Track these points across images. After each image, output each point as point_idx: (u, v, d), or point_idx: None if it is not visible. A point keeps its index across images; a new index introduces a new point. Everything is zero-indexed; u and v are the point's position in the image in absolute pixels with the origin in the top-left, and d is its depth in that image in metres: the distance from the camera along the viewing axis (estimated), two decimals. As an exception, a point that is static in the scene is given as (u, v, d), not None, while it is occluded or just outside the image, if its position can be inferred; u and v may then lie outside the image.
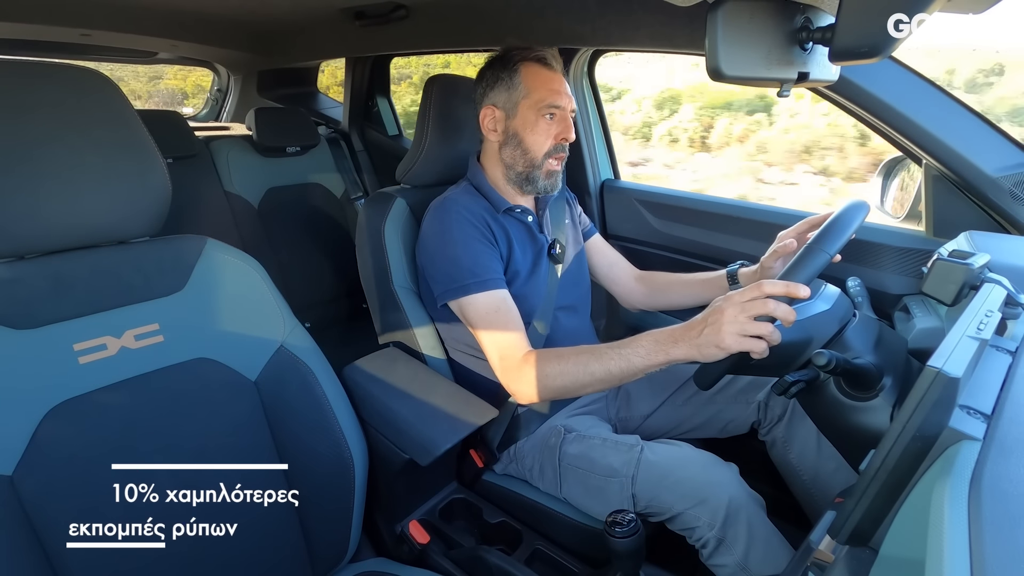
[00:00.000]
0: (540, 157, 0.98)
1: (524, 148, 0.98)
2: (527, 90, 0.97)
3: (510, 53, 0.99)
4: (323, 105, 2.48)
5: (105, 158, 0.64)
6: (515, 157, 0.99)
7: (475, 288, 0.92)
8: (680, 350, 0.74)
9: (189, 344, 0.72)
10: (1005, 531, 0.31)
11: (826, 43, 0.60)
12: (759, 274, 1.01)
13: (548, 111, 0.97)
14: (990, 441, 0.39)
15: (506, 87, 0.98)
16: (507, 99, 0.98)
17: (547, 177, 1.00)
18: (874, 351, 0.73)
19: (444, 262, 0.95)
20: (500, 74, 0.99)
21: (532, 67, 0.98)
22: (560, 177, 1.02)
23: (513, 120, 0.98)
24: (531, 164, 0.99)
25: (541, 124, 0.97)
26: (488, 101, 1.00)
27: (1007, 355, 0.53)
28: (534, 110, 0.97)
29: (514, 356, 0.89)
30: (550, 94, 0.96)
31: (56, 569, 0.61)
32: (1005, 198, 0.91)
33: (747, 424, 1.05)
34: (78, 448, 0.63)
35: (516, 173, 1.00)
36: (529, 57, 0.98)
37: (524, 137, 0.98)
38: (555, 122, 0.98)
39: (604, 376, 0.81)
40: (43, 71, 0.62)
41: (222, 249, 0.76)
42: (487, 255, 0.95)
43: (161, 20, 1.66)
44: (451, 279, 0.94)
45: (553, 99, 0.96)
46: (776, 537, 0.82)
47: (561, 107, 0.97)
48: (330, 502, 0.81)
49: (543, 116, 0.97)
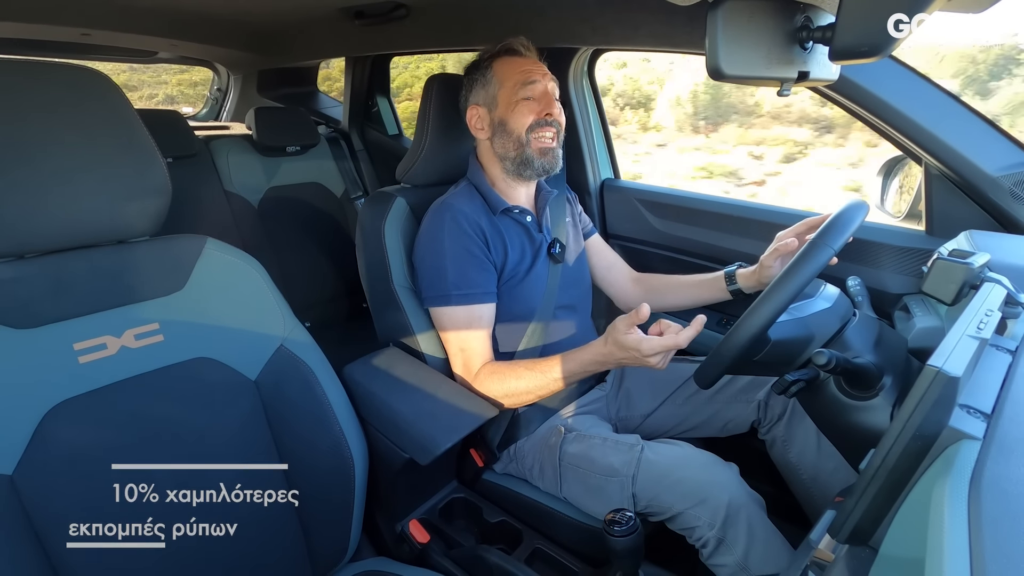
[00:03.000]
0: (524, 133, 0.99)
1: (508, 130, 1.00)
2: (500, 81, 1.00)
3: (481, 56, 1.04)
4: (323, 105, 2.48)
5: (105, 157, 0.64)
6: (505, 145, 1.00)
7: (456, 301, 0.96)
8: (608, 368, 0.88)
9: (189, 343, 0.72)
10: (1005, 530, 0.31)
11: (826, 42, 0.60)
12: (758, 274, 1.01)
13: (525, 92, 0.98)
14: (990, 440, 0.39)
15: (482, 85, 1.02)
16: (486, 95, 1.01)
17: (541, 155, 1.00)
18: (874, 350, 0.73)
19: (431, 270, 0.98)
20: (475, 76, 1.03)
21: (502, 59, 1.01)
22: (557, 156, 1.02)
23: (495, 112, 1.01)
24: (520, 144, 0.99)
25: (521, 106, 0.99)
26: (470, 103, 1.03)
27: (1007, 354, 0.53)
28: (510, 95, 0.99)
29: (473, 367, 0.97)
30: (521, 75, 0.99)
31: (56, 569, 0.61)
32: (1005, 197, 0.91)
33: (747, 423, 1.05)
34: (78, 448, 0.63)
35: (511, 161, 1.01)
36: (498, 52, 1.02)
37: (507, 121, 0.99)
38: (534, 100, 0.99)
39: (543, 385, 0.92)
40: (43, 71, 0.62)
41: (222, 249, 0.76)
42: (474, 268, 0.96)
43: (161, 20, 1.66)
44: (435, 287, 0.97)
45: (524, 78, 0.98)
46: (776, 537, 0.82)
47: (536, 81, 0.99)
48: (330, 501, 0.81)
49: (521, 99, 0.99)
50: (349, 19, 1.52)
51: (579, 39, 1.25)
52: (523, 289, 1.02)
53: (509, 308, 1.01)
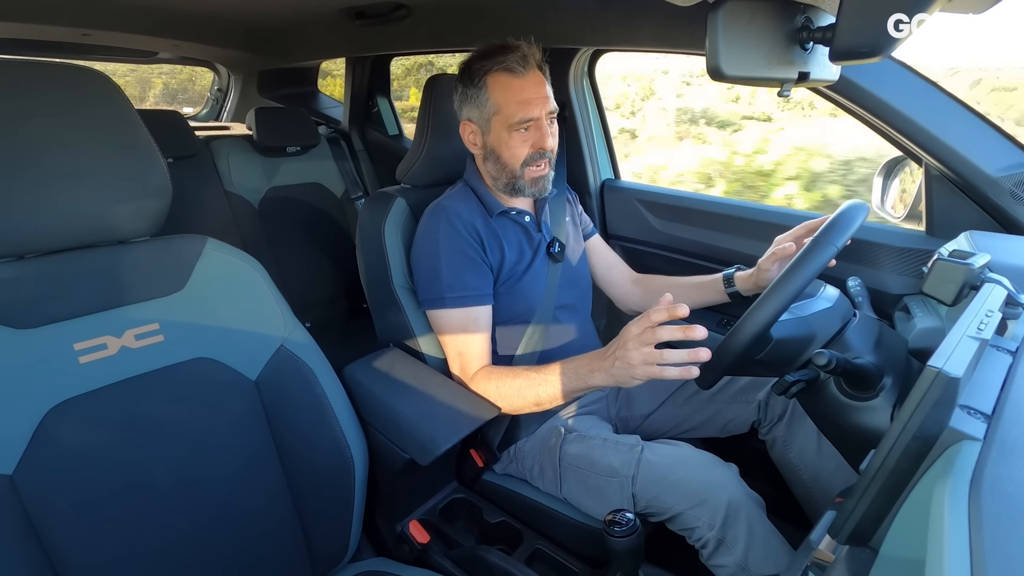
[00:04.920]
0: (518, 168, 0.96)
1: (502, 163, 0.97)
2: (496, 106, 0.93)
3: (474, 66, 0.94)
4: (323, 105, 2.48)
5: (105, 158, 0.64)
6: (497, 170, 0.98)
7: (451, 303, 0.95)
8: (597, 378, 0.81)
9: (189, 344, 0.72)
10: (1005, 531, 0.31)
11: (826, 43, 0.60)
12: (755, 277, 1.01)
13: (521, 124, 0.93)
14: (990, 441, 0.39)
15: (476, 104, 0.95)
16: (479, 115, 0.96)
17: (532, 184, 0.98)
18: (874, 351, 0.73)
19: (426, 272, 0.97)
20: (468, 90, 0.95)
21: (499, 78, 0.92)
22: (548, 180, 0.99)
23: (488, 136, 0.96)
24: (512, 176, 0.97)
25: (515, 138, 0.94)
26: (464, 116, 0.99)
27: (1007, 355, 0.53)
28: (506, 126, 0.93)
29: (469, 370, 0.96)
30: (520, 108, 0.91)
31: (56, 569, 0.61)
32: (1005, 198, 0.91)
33: (747, 423, 1.05)
34: (79, 447, 0.63)
35: (502, 183, 1.00)
36: (494, 68, 0.92)
37: (500, 153, 0.96)
38: (530, 133, 0.94)
39: (535, 402, 0.89)
40: (44, 71, 0.62)
41: (222, 249, 0.76)
42: (470, 271, 0.96)
43: (162, 20, 1.65)
44: (430, 289, 0.97)
45: (524, 113, 0.92)
46: (776, 537, 0.82)
47: (534, 118, 0.93)
48: (330, 502, 0.81)
49: (517, 130, 0.93)
50: (349, 19, 1.52)
51: (579, 39, 1.25)
52: (522, 287, 1.01)
53: (509, 307, 1.01)
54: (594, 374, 0.81)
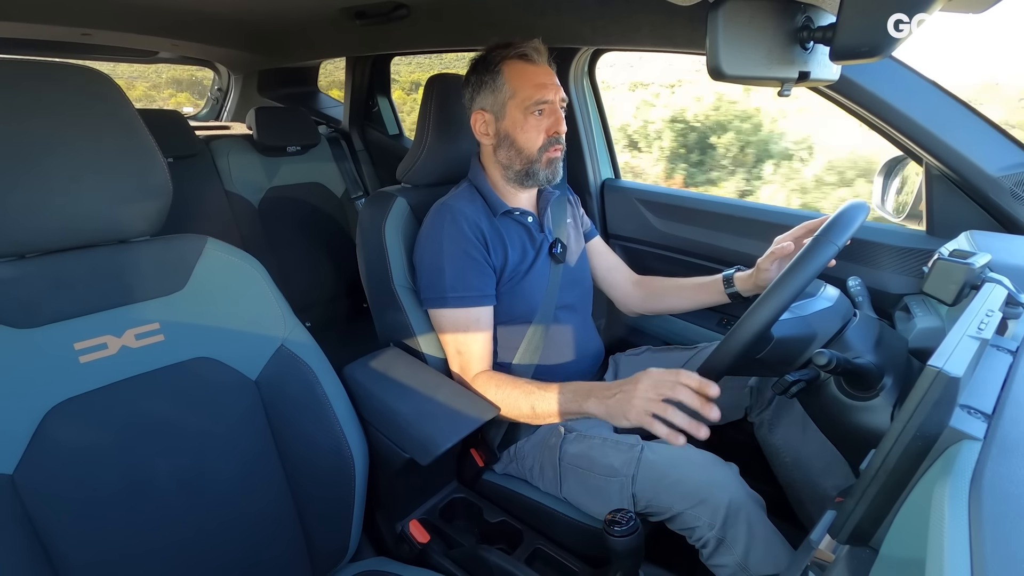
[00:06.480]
0: (535, 153, 0.98)
1: (518, 148, 0.98)
2: (512, 90, 0.96)
3: (491, 54, 0.98)
4: (323, 104, 2.48)
5: (106, 157, 0.64)
6: (511, 157, 0.99)
7: (453, 303, 0.96)
8: (591, 406, 0.82)
9: (190, 343, 0.72)
10: (1005, 531, 0.31)
11: (827, 42, 0.60)
12: (755, 277, 1.02)
13: (536, 108, 0.95)
14: (991, 441, 0.39)
15: (491, 90, 0.97)
16: (494, 102, 0.98)
17: (547, 166, 0.99)
18: (875, 351, 0.73)
19: (429, 271, 0.98)
20: (484, 77, 0.98)
21: (514, 65, 0.96)
22: (560, 165, 1.01)
23: (503, 122, 0.98)
24: (528, 160, 0.98)
25: (531, 121, 0.96)
26: (476, 106, 1.00)
27: (1008, 355, 0.53)
28: (521, 109, 0.96)
29: (469, 372, 0.97)
30: (536, 90, 0.95)
31: (56, 568, 0.61)
32: (1006, 197, 0.91)
33: (741, 409, 1.07)
34: (79, 447, 0.63)
35: (515, 172, 1.00)
36: (510, 55, 0.96)
37: (516, 137, 0.97)
38: (544, 116, 0.97)
39: (530, 413, 0.90)
40: (44, 70, 0.62)
41: (222, 248, 0.76)
42: (473, 271, 0.96)
43: (162, 19, 1.65)
44: (433, 288, 0.97)
45: (540, 95, 0.95)
46: (776, 537, 0.82)
47: (549, 101, 0.96)
48: (330, 501, 0.81)
49: (532, 113, 0.96)
50: (350, 19, 1.52)
51: (579, 39, 1.25)
52: (524, 288, 1.02)
53: (510, 307, 1.01)
54: (590, 400, 0.82)
